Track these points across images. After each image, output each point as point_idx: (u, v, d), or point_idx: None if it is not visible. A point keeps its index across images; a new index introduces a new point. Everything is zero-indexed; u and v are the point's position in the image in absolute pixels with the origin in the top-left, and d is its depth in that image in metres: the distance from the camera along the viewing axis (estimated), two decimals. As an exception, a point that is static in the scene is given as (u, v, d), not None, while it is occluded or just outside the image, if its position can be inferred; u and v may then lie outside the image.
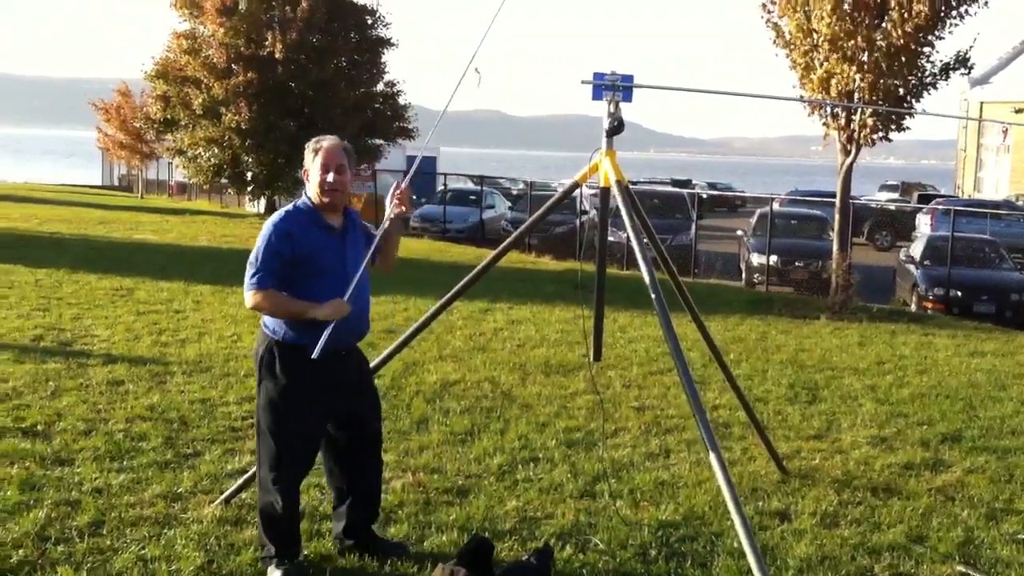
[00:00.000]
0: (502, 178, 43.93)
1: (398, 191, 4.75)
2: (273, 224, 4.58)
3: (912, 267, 17.97)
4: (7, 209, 29.05)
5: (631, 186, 5.68)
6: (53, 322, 10.69)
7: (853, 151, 15.52)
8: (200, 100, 29.33)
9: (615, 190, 5.42)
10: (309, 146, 4.70)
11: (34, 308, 11.49)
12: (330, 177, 4.60)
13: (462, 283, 5.88)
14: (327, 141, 4.69)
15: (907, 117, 15.63)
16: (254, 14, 29.34)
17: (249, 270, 4.57)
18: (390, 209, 4.77)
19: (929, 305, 16.66)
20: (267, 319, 4.67)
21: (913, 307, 16.95)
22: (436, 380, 8.86)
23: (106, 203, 36.81)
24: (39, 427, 6.82)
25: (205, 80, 29.43)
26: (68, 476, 5.90)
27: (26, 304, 11.73)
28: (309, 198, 4.68)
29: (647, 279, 5.11)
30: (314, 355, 4.46)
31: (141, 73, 31.75)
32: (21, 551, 4.83)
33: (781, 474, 6.63)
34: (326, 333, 4.46)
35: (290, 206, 4.71)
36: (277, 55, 28.85)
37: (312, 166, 4.64)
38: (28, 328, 10.24)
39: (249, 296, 4.58)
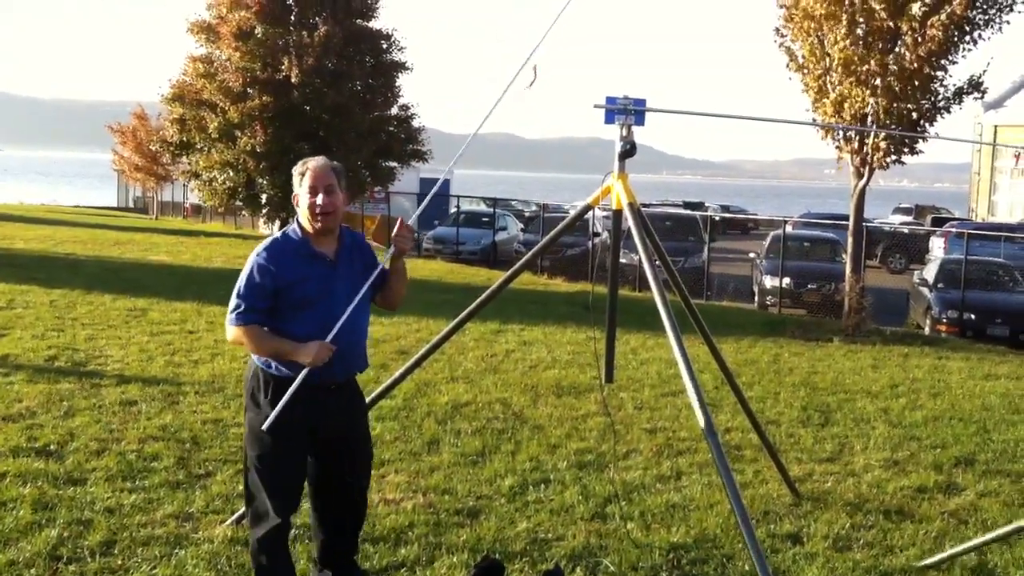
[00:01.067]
0: (515, 200, 44.04)
1: (403, 228, 4.46)
2: (255, 255, 4.32)
3: (926, 290, 17.91)
4: (24, 230, 29.25)
5: (643, 208, 5.69)
6: (67, 342, 10.75)
7: (866, 174, 15.51)
8: (216, 123, 29.52)
9: (627, 212, 5.44)
10: (295, 170, 4.44)
11: (48, 328, 11.55)
12: (320, 199, 4.30)
13: (474, 304, 5.91)
14: (313, 162, 4.40)
15: (920, 141, 15.61)
16: (271, 39, 29.57)
17: (231, 303, 4.30)
18: (390, 251, 4.50)
19: (943, 328, 16.59)
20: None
21: (927, 330, 16.89)
22: (448, 401, 8.86)
23: (121, 224, 37.02)
24: (52, 447, 6.85)
25: (221, 104, 29.63)
26: (80, 496, 5.92)
27: (40, 324, 11.79)
28: (300, 225, 4.39)
29: (658, 301, 5.12)
30: (264, 427, 4.22)
31: (158, 96, 32.00)
32: (33, 570, 4.85)
33: (793, 497, 6.61)
34: (300, 377, 4.20)
35: (279, 234, 4.44)
36: (293, 79, 29.04)
37: (300, 190, 4.37)
38: (42, 348, 10.30)
39: (229, 331, 4.33)
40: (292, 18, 30.84)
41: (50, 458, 6.60)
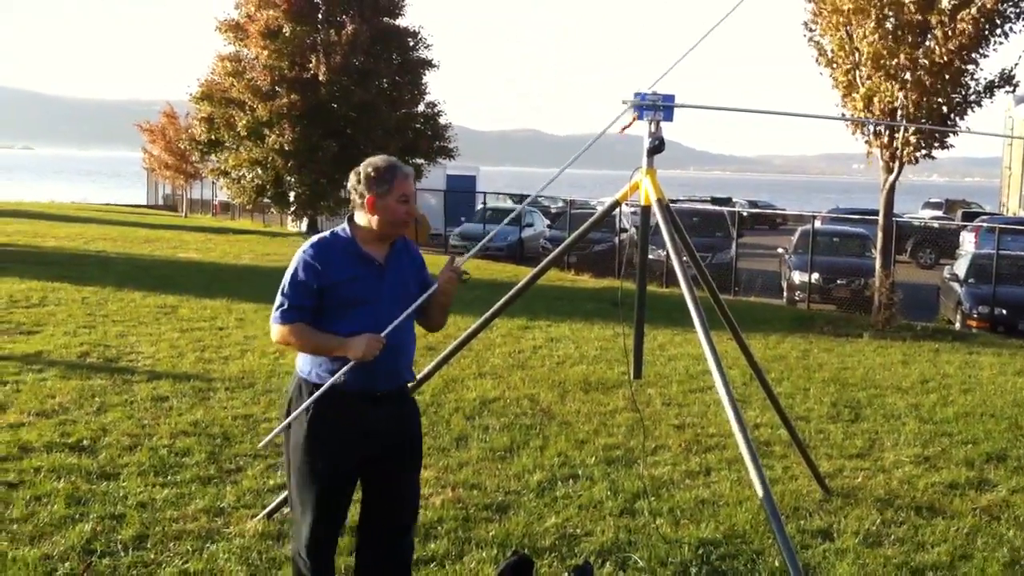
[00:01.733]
0: (541, 196, 44.02)
1: (451, 270, 4.23)
2: (301, 252, 4.11)
3: (956, 285, 17.76)
4: (55, 228, 29.54)
5: (671, 204, 5.69)
6: (99, 339, 10.85)
7: (896, 169, 15.39)
8: (244, 122, 29.74)
9: (656, 208, 5.44)
10: (383, 172, 4.09)
11: (80, 325, 11.67)
12: (411, 209, 4.13)
13: (502, 301, 5.92)
14: (404, 168, 4.13)
15: (951, 135, 15.47)
16: (298, 37, 29.72)
17: (276, 301, 4.15)
18: (441, 280, 4.22)
19: (973, 323, 16.44)
20: (299, 361, 4.20)
21: (957, 325, 16.74)
22: (475, 397, 8.88)
23: (151, 222, 37.32)
24: (85, 442, 6.92)
25: (249, 102, 29.83)
26: (113, 490, 5.98)
27: (72, 321, 11.91)
28: (355, 225, 4.14)
29: (687, 296, 5.11)
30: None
31: (186, 95, 32.27)
32: (67, 564, 4.91)
33: (823, 493, 6.58)
34: (346, 368, 3.98)
35: (327, 233, 4.20)
36: (321, 77, 29.18)
37: (390, 194, 4.05)
38: (74, 345, 10.41)
39: (274, 329, 4.14)
40: (320, 16, 30.99)
41: (83, 453, 6.67)
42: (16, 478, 6.08)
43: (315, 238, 4.15)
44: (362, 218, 4.12)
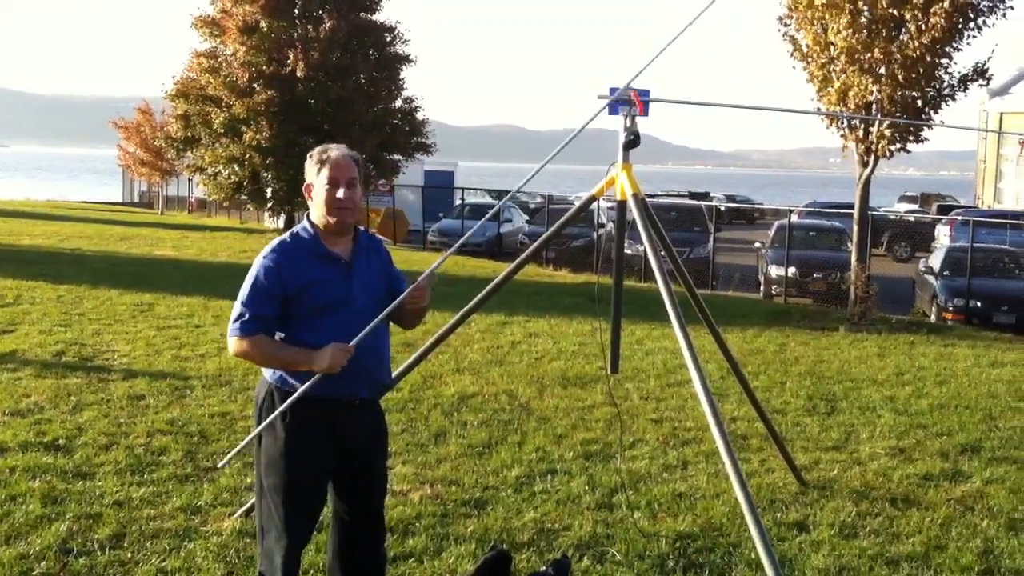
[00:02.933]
0: (520, 192, 44.00)
1: (417, 290, 3.98)
2: (262, 258, 3.89)
3: (931, 278, 17.89)
4: (30, 226, 29.31)
5: (648, 199, 5.70)
6: (74, 337, 10.79)
7: (871, 163, 15.48)
8: (221, 118, 29.56)
9: (631, 203, 5.46)
10: (313, 156, 3.98)
11: (56, 324, 11.59)
12: (340, 193, 3.87)
13: (480, 296, 5.93)
14: (335, 151, 3.95)
15: (925, 129, 15.58)
16: (276, 33, 29.57)
17: (234, 311, 3.89)
18: (406, 298, 3.98)
19: (949, 316, 16.57)
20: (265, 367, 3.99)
21: (932, 318, 16.87)
22: (454, 393, 8.89)
23: (127, 220, 37.10)
24: (61, 441, 6.88)
25: (226, 99, 29.65)
26: (90, 489, 5.95)
27: (48, 320, 11.84)
28: (311, 222, 3.97)
29: (663, 291, 5.13)
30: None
31: (162, 93, 32.04)
32: (43, 564, 4.88)
33: (799, 485, 6.62)
34: (315, 378, 3.79)
35: (287, 235, 3.99)
36: (299, 73, 29.04)
37: (317, 180, 3.92)
38: (50, 343, 10.34)
39: (232, 343, 3.88)
40: (296, 11, 30.83)
41: (59, 452, 6.64)
42: (-9, 478, 6.05)
43: (275, 242, 3.97)
44: (313, 214, 3.98)
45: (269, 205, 32.93)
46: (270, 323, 3.86)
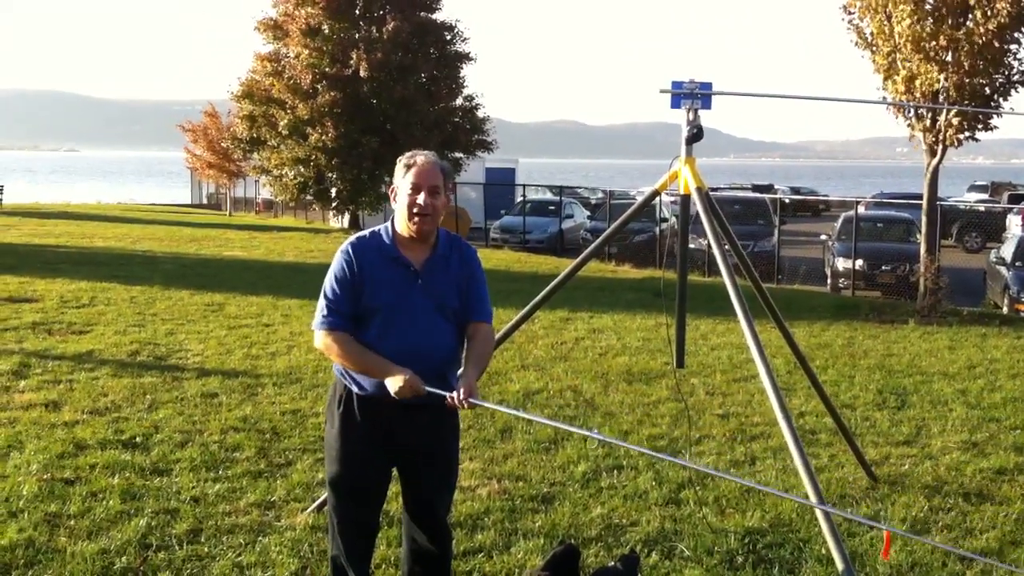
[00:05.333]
0: (581, 188, 43.97)
1: (457, 400, 3.79)
2: (340, 251, 3.98)
3: (1003, 269, 17.50)
4: (103, 229, 29.99)
5: (711, 192, 5.69)
6: (148, 337, 11.04)
7: (940, 152, 15.21)
8: (285, 120, 29.97)
9: (695, 197, 5.44)
10: (401, 160, 3.97)
11: (130, 324, 11.87)
12: (421, 199, 3.85)
13: (543, 293, 5.96)
14: (422, 156, 3.93)
15: (994, 116, 15.26)
16: (338, 35, 29.90)
17: (320, 303, 3.97)
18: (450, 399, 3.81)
19: (1021, 307, 16.20)
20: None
21: (1004, 310, 16.50)
22: (519, 389, 8.93)
23: (196, 221, 37.76)
24: (138, 439, 7.06)
25: (289, 101, 30.05)
26: (166, 486, 6.10)
27: (122, 320, 12.12)
28: (392, 226, 4.00)
29: (729, 285, 5.12)
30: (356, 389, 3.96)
31: (227, 94, 32.58)
32: (124, 558, 5.01)
33: (870, 480, 6.55)
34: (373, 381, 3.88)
35: (368, 231, 4.06)
36: (362, 74, 29.33)
37: (401, 183, 3.91)
38: (125, 344, 10.59)
39: (317, 336, 3.96)
40: (358, 12, 31.11)
41: (136, 450, 6.81)
42: (72, 475, 6.22)
43: (355, 236, 4.04)
44: (396, 214, 3.99)
45: (334, 205, 33.35)
46: (348, 321, 3.90)
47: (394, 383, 3.76)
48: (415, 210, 3.87)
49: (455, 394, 3.77)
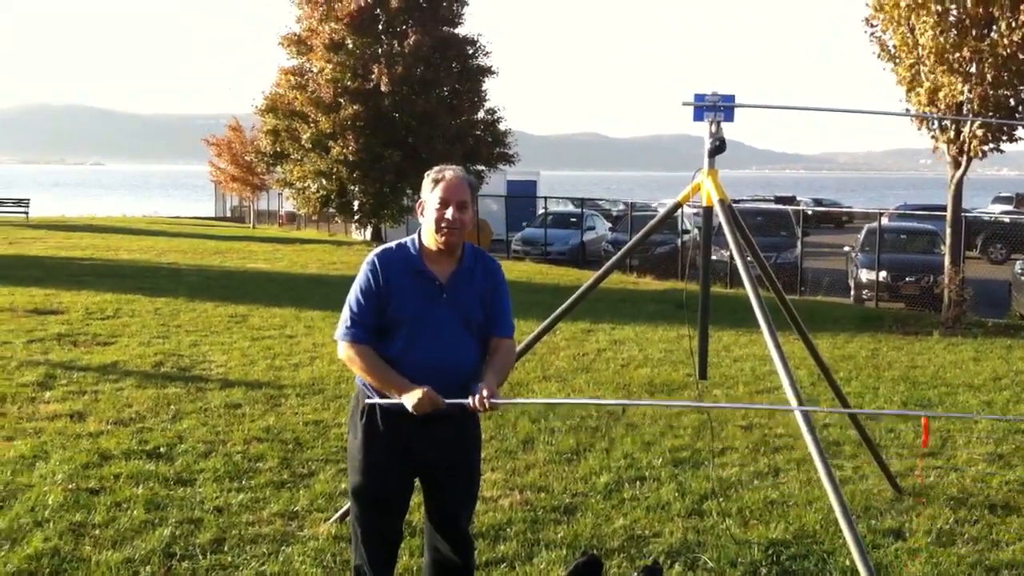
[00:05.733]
0: (602, 200, 43.97)
1: (478, 402, 3.81)
2: (366, 262, 4.00)
3: (1029, 280, 17.37)
4: (128, 241, 30.22)
5: (733, 204, 5.68)
6: (172, 349, 11.11)
7: (964, 163, 15.14)
8: (308, 134, 30.16)
9: (718, 209, 5.44)
10: (429, 175, 3.99)
11: (154, 336, 11.95)
12: (449, 214, 3.88)
13: (565, 304, 5.96)
14: (451, 171, 3.97)
15: (1019, 128, 15.17)
16: (361, 49, 30.08)
17: (344, 313, 4.01)
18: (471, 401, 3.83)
19: (1048, 319, 16.08)
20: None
21: (1031, 321, 16.39)
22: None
23: (220, 234, 37.98)
24: (162, 449, 7.10)
25: (312, 115, 30.25)
26: (190, 496, 6.13)
27: (147, 332, 12.21)
28: (419, 239, 4.01)
29: (752, 297, 5.11)
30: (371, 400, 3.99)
31: (252, 108, 32.83)
32: (148, 567, 5.05)
33: (894, 492, 6.51)
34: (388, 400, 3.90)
35: (394, 243, 4.08)
36: (383, 88, 29.49)
37: (430, 198, 3.93)
38: (149, 355, 10.67)
39: (340, 347, 3.99)
40: (381, 27, 31.29)
41: (160, 460, 6.85)
42: (97, 484, 6.27)
43: (381, 248, 4.06)
44: (422, 229, 4.01)
45: (356, 218, 33.48)
46: (371, 333, 3.93)
47: (411, 398, 3.78)
48: (443, 224, 3.89)
49: (476, 397, 3.79)
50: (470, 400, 3.81)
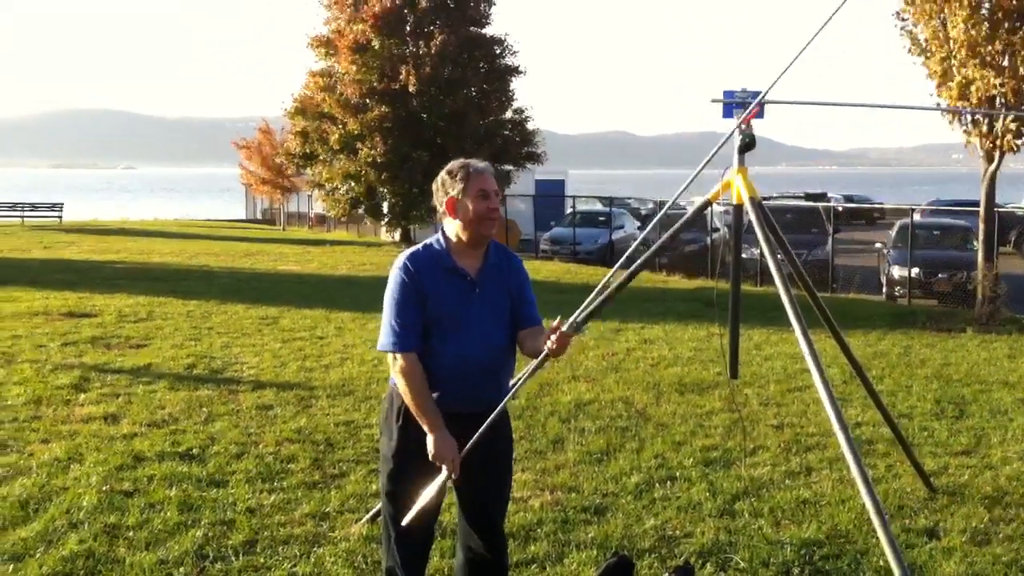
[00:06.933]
0: (631, 198, 43.81)
1: (562, 336, 3.93)
2: (398, 269, 3.96)
3: (1065, 276, 17.16)
4: (160, 244, 30.48)
5: (763, 202, 5.64)
6: (204, 351, 11.19)
7: (997, 158, 14.97)
8: (337, 136, 30.28)
9: (748, 207, 5.41)
10: (454, 172, 3.98)
11: (187, 338, 12.04)
12: (493, 203, 3.95)
13: (594, 303, 5.94)
14: (480, 163, 4.02)
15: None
16: (387, 50, 30.16)
17: (385, 327, 3.94)
18: (551, 350, 3.95)
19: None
20: (392, 370, 4.03)
21: (1067, 317, 16.18)
22: (570, 400, 8.92)
23: (251, 236, 38.23)
24: (194, 451, 7.15)
25: (340, 116, 30.36)
26: (223, 497, 6.17)
27: (179, 334, 12.30)
28: (445, 236, 4.01)
29: (783, 295, 5.07)
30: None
31: (281, 111, 33.03)
32: (182, 569, 5.08)
33: (928, 491, 6.45)
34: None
35: (420, 246, 4.06)
36: (410, 89, 29.55)
37: (464, 193, 3.93)
38: (181, 357, 10.75)
39: (393, 361, 3.92)
40: (407, 28, 31.36)
41: (193, 461, 6.90)
42: (131, 486, 6.32)
43: (407, 252, 4.03)
44: (450, 227, 4.00)
45: (386, 219, 33.59)
46: (418, 337, 3.90)
47: (433, 445, 3.87)
48: (488, 216, 3.93)
49: (551, 339, 3.90)
50: (547, 345, 3.91)
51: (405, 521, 4.01)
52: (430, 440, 3.87)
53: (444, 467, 3.90)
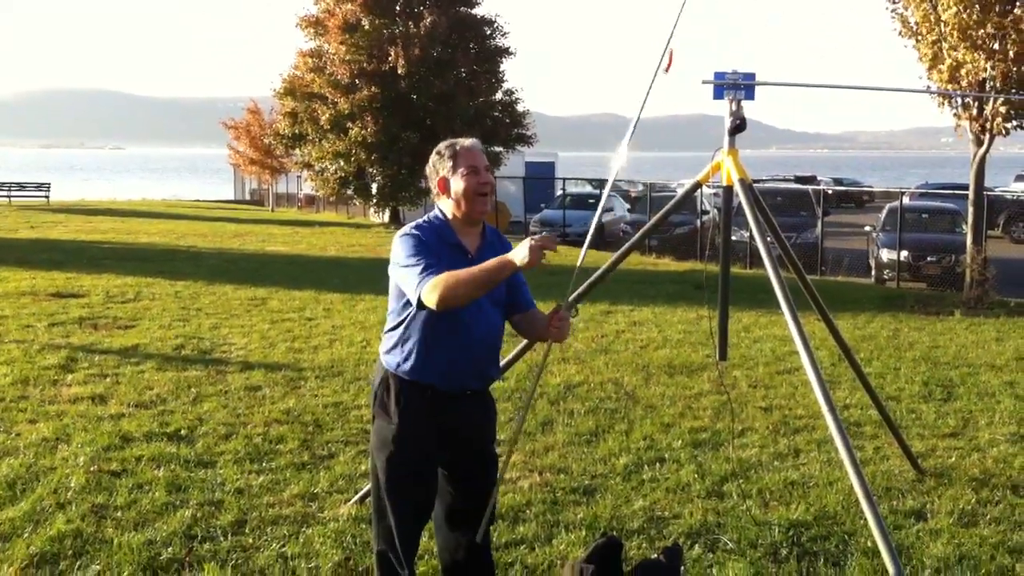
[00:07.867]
0: (621, 180, 43.77)
1: (560, 318, 4.01)
2: (406, 234, 3.90)
3: (1053, 259, 17.22)
4: (148, 225, 30.35)
5: (754, 184, 5.63)
6: (192, 332, 11.16)
7: (986, 141, 14.99)
8: (327, 115, 30.16)
9: (738, 189, 5.39)
10: (442, 152, 3.95)
11: (175, 319, 12.01)
12: (484, 177, 3.91)
13: (583, 286, 5.94)
14: (467, 141, 3.98)
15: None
16: (377, 30, 30.01)
17: (412, 276, 3.75)
18: (553, 333, 4.02)
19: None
20: (386, 356, 3.98)
21: (1055, 301, 16.25)
22: (560, 382, 8.93)
23: (239, 217, 38.08)
24: (183, 432, 7.14)
25: (331, 96, 30.24)
26: (211, 478, 6.16)
27: (167, 315, 12.27)
28: (442, 212, 3.97)
29: (773, 277, 5.07)
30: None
31: (270, 91, 32.87)
32: (170, 549, 5.07)
33: (916, 473, 6.47)
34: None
35: (421, 219, 4.00)
36: (400, 70, 29.43)
37: (453, 171, 3.90)
38: (169, 338, 10.72)
39: (430, 296, 3.65)
40: (397, 8, 31.21)
41: (181, 442, 6.88)
42: (119, 467, 6.31)
43: (410, 224, 3.97)
44: (445, 207, 3.95)
45: (374, 200, 33.51)
46: (443, 267, 3.72)
47: (522, 252, 3.60)
48: (479, 191, 3.88)
49: (554, 316, 4.02)
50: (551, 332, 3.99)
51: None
52: (519, 258, 3.61)
53: (545, 244, 3.68)
